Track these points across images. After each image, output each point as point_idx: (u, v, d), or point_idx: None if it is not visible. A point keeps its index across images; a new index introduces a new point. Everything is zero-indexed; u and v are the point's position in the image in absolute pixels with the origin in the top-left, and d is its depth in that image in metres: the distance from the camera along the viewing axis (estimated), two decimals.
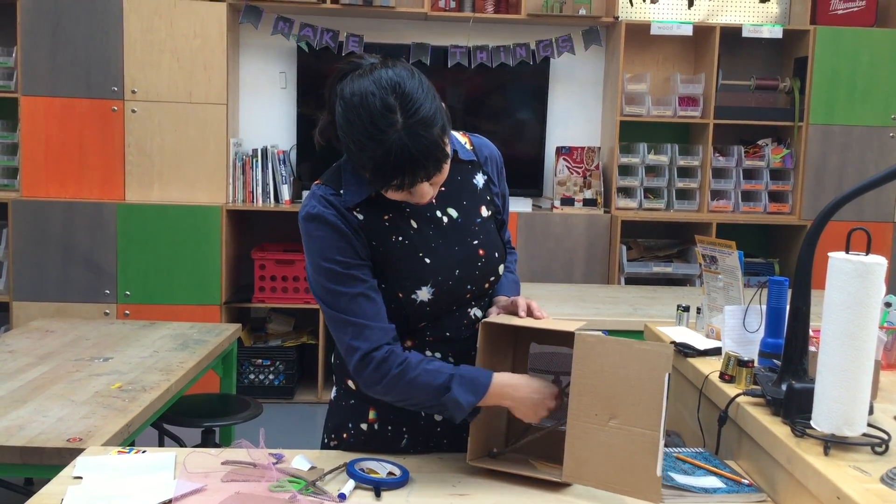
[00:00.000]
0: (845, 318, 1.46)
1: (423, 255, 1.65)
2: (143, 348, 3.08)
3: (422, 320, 1.68)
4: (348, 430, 1.78)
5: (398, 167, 1.48)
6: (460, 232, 1.71)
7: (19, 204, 4.57)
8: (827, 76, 4.82)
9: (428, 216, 1.68)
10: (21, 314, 4.55)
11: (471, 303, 1.74)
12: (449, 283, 1.67)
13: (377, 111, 1.47)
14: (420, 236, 1.67)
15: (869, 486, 1.35)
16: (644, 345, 1.53)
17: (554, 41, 4.91)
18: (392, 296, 1.65)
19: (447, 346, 1.71)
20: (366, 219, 1.63)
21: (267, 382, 4.86)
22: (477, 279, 1.72)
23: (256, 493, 1.53)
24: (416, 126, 1.47)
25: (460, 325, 1.72)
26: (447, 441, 1.77)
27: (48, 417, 2.29)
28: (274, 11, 4.82)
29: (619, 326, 3.35)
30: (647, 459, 1.49)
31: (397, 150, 1.46)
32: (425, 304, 1.65)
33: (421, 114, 1.48)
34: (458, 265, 1.68)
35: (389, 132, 1.46)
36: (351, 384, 1.76)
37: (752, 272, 4.86)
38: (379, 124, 1.46)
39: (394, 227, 1.65)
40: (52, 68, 4.54)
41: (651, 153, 4.98)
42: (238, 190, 4.80)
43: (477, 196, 1.76)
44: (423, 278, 1.64)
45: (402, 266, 1.64)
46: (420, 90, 1.50)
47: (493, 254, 1.74)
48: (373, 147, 1.47)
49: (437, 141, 1.50)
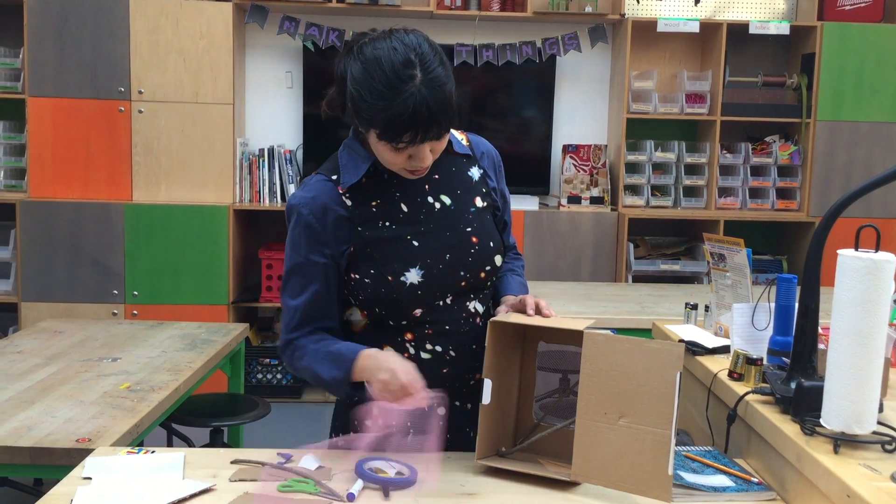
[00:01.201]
0: (854, 315, 1.45)
1: (412, 238, 1.68)
2: (151, 348, 3.09)
3: (416, 305, 1.69)
4: (356, 429, 1.78)
5: (414, 118, 1.51)
6: (453, 218, 1.73)
7: (27, 205, 4.58)
8: (834, 72, 4.80)
9: (419, 201, 1.71)
10: (29, 315, 4.56)
11: (469, 295, 1.74)
12: (439, 267, 1.68)
13: (399, 63, 1.52)
14: (409, 220, 1.69)
15: (879, 484, 1.34)
16: (654, 343, 1.53)
17: (560, 39, 4.90)
18: (382, 280, 1.66)
19: (447, 340, 1.72)
20: (354, 205, 1.68)
21: (275, 382, 4.86)
22: (470, 266, 1.72)
23: (265, 493, 1.53)
24: (433, 82, 1.53)
25: (459, 319, 1.73)
26: (451, 436, 1.77)
27: (57, 418, 2.30)
28: (280, 11, 4.82)
29: (627, 324, 3.34)
30: (658, 458, 1.48)
31: (416, 102, 1.51)
32: (416, 286, 1.66)
33: (438, 72, 1.54)
34: (449, 250, 1.70)
35: (409, 84, 1.51)
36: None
37: (761, 269, 4.85)
38: (401, 74, 1.52)
39: (382, 212, 1.69)
40: (58, 69, 4.55)
41: (658, 150, 4.97)
42: (245, 190, 4.80)
43: (471, 187, 1.78)
44: (411, 260, 1.67)
45: (389, 248, 1.67)
46: (436, 55, 1.57)
47: (487, 243, 1.74)
48: (391, 96, 1.51)
49: (450, 100, 1.55)
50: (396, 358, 1.61)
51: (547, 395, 1.74)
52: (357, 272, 1.68)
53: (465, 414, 1.77)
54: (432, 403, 1.61)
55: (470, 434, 1.76)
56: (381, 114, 1.53)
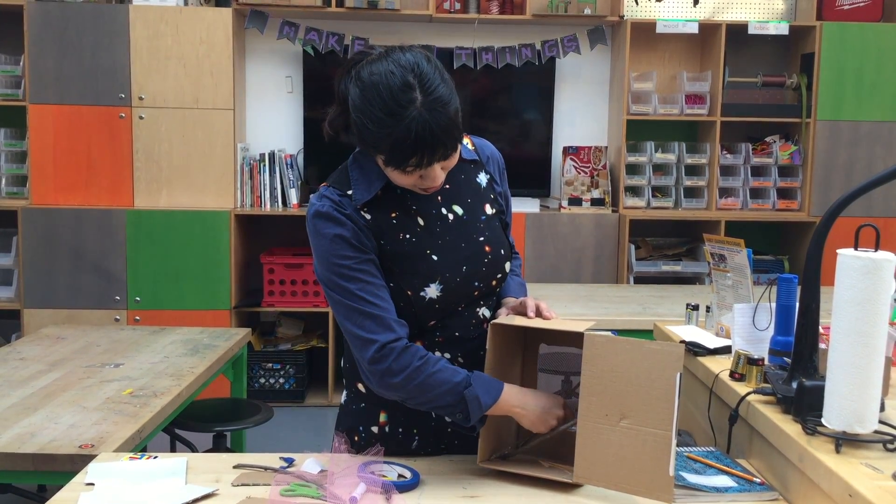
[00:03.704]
0: (855, 314, 1.45)
1: (431, 252, 1.66)
2: (153, 354, 3.09)
3: (431, 318, 1.68)
4: (359, 434, 1.78)
5: (418, 143, 1.49)
6: (466, 229, 1.72)
7: (29, 212, 4.59)
8: (834, 72, 4.80)
9: (434, 213, 1.69)
10: (32, 321, 4.57)
11: (479, 302, 1.74)
12: (457, 280, 1.67)
13: (397, 88, 1.49)
14: (427, 233, 1.67)
15: (881, 483, 1.34)
16: (654, 345, 1.53)
17: (559, 41, 4.90)
18: (401, 294, 1.65)
19: (456, 347, 1.72)
20: (373, 218, 1.64)
21: (277, 386, 4.86)
22: (484, 276, 1.72)
23: (268, 498, 1.53)
24: (435, 103, 1.50)
25: (469, 325, 1.73)
26: (458, 442, 1.77)
27: (60, 424, 2.30)
28: (279, 16, 4.83)
29: (629, 326, 3.34)
30: (659, 459, 1.48)
31: (418, 126, 1.48)
32: (434, 301, 1.66)
33: (439, 92, 1.51)
34: (465, 262, 1.69)
35: (409, 108, 1.49)
36: (361, 387, 1.76)
37: (762, 270, 4.84)
38: (400, 100, 1.49)
39: (401, 225, 1.66)
40: (59, 76, 4.56)
41: (658, 152, 4.97)
42: (246, 194, 4.81)
43: (481, 194, 1.77)
44: (431, 275, 1.65)
45: (410, 263, 1.65)
46: (436, 72, 1.54)
47: (499, 251, 1.75)
48: (392, 123, 1.49)
49: (454, 119, 1.53)
50: (536, 394, 1.66)
51: None
52: None
53: None
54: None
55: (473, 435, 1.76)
56: (384, 140, 1.51)
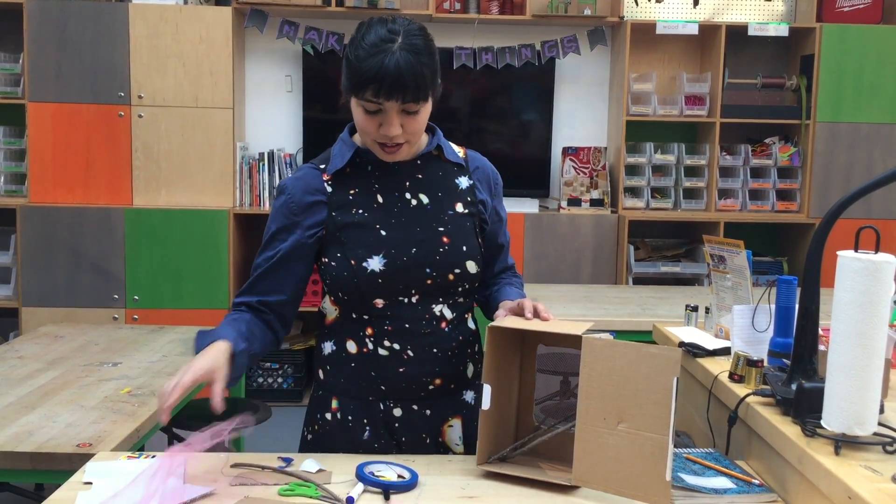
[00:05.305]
0: (855, 316, 1.45)
1: (381, 227, 1.73)
2: (151, 353, 3.09)
3: (377, 295, 1.71)
4: (318, 422, 1.82)
5: (381, 73, 1.57)
6: (427, 216, 1.76)
7: (27, 210, 4.58)
8: (833, 74, 4.80)
9: (396, 195, 1.76)
10: (30, 319, 4.57)
11: (437, 297, 1.75)
12: (403, 259, 1.71)
13: (386, 31, 1.61)
14: (381, 210, 1.74)
15: (880, 485, 1.34)
16: (652, 348, 1.52)
17: (559, 42, 4.90)
18: (346, 264, 1.71)
19: (406, 339, 1.74)
20: (334, 192, 1.75)
21: (276, 386, 4.86)
22: (438, 265, 1.73)
23: (265, 497, 1.53)
24: (410, 48, 1.60)
25: (421, 319, 1.74)
26: (405, 438, 1.78)
27: (58, 423, 2.30)
28: (279, 15, 4.82)
29: (628, 327, 3.34)
30: (656, 464, 1.48)
31: (386, 59, 1.57)
32: (377, 274, 1.69)
33: (418, 42, 1.61)
34: (416, 245, 1.73)
35: (388, 45, 1.59)
36: (320, 374, 1.82)
37: (761, 271, 4.85)
38: (384, 38, 1.60)
39: (357, 200, 1.74)
40: (58, 74, 4.56)
41: (658, 153, 4.97)
42: (245, 193, 4.81)
43: (455, 193, 1.80)
44: (376, 247, 1.71)
45: (357, 234, 1.72)
46: (423, 35, 1.64)
47: (459, 246, 1.75)
48: (369, 54, 1.58)
49: (424, 74, 1.60)
50: (203, 361, 1.60)
51: (548, 398, 1.74)
52: (327, 256, 1.74)
53: (424, 420, 1.78)
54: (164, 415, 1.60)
55: (426, 440, 1.78)
56: (354, 66, 1.60)
